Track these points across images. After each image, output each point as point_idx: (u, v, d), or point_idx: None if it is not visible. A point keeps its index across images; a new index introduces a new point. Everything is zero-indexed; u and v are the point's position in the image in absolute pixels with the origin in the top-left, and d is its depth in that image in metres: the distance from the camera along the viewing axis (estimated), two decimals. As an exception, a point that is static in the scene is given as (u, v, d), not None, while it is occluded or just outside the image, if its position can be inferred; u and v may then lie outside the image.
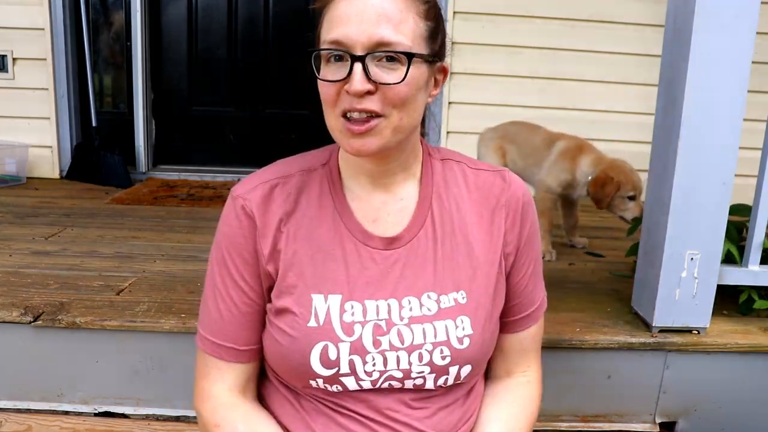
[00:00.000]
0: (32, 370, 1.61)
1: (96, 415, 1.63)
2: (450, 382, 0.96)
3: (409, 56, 0.85)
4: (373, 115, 0.86)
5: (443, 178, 1.01)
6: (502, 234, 0.99)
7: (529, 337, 1.07)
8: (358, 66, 0.84)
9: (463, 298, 0.95)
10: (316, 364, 0.91)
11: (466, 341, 0.94)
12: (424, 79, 0.90)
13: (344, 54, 0.84)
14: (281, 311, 0.94)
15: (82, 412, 1.63)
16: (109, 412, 1.63)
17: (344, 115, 0.87)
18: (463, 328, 0.94)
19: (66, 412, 1.63)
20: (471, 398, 1.03)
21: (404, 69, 0.85)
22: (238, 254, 0.95)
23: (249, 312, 0.97)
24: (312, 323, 0.91)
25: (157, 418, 1.63)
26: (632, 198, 2.19)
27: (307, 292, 0.93)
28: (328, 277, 0.94)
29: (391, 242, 0.96)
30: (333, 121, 0.89)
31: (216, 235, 0.99)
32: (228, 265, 0.96)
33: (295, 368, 0.93)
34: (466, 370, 0.96)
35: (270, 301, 0.97)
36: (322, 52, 0.87)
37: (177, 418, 1.63)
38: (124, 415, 1.63)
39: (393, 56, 0.85)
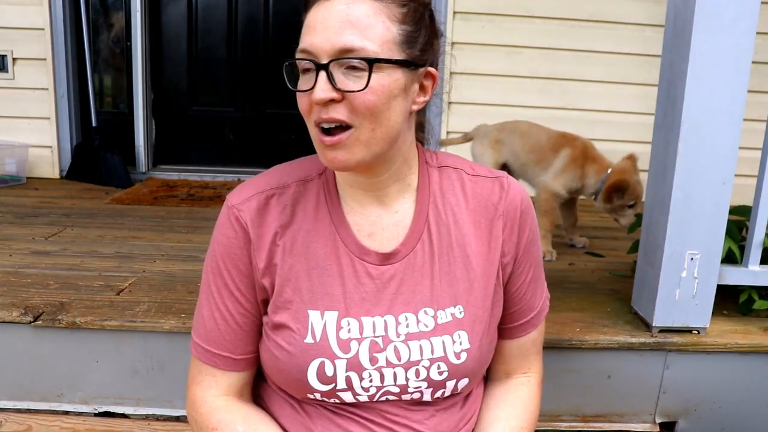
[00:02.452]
0: (32, 370, 1.61)
1: (96, 415, 1.63)
2: (447, 394, 0.95)
3: (370, 62, 0.81)
4: (342, 126, 0.84)
5: (440, 187, 0.98)
6: (500, 244, 0.97)
7: (528, 342, 1.06)
8: (321, 74, 0.82)
9: (460, 312, 0.94)
10: (312, 380, 0.90)
11: (464, 356, 0.93)
12: (399, 86, 0.85)
13: (310, 63, 0.83)
14: (278, 326, 0.93)
15: (82, 412, 1.63)
16: (109, 412, 1.64)
17: (318, 126, 0.86)
18: (461, 343, 0.93)
19: (66, 412, 1.63)
20: (470, 401, 1.02)
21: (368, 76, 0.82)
22: (233, 265, 0.94)
23: (245, 322, 0.96)
24: (309, 339, 0.90)
25: (157, 418, 1.63)
26: (631, 206, 2.26)
27: (303, 308, 0.92)
28: (324, 292, 0.92)
29: (387, 257, 0.94)
30: (311, 131, 0.88)
31: (211, 243, 0.97)
32: (223, 274, 0.95)
33: (292, 382, 0.92)
34: (464, 383, 0.95)
35: (266, 313, 0.96)
36: (297, 63, 0.86)
37: (177, 418, 1.63)
38: (124, 415, 1.63)
39: (356, 65, 0.82)
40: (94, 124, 3.37)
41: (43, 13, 3.23)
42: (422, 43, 0.88)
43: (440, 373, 0.92)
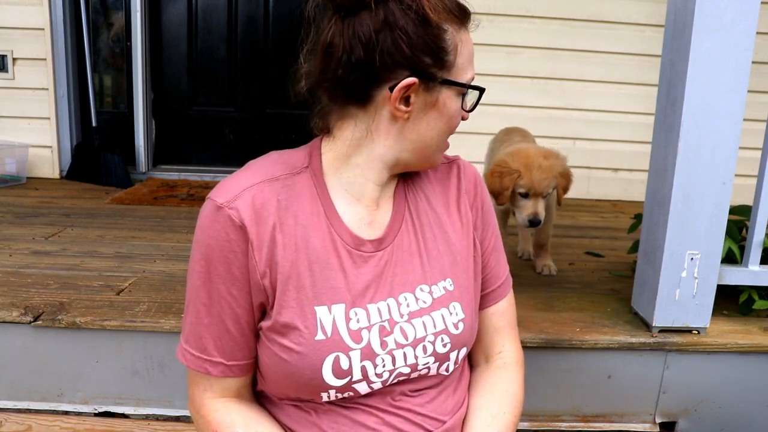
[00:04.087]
0: (32, 370, 1.61)
1: (96, 415, 1.63)
2: (451, 368, 0.99)
3: None
4: None
5: (409, 173, 1.04)
6: (471, 218, 1.05)
7: (497, 314, 1.10)
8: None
9: (450, 285, 0.99)
10: (328, 376, 0.89)
11: (461, 325, 0.98)
12: None
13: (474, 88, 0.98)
14: (284, 328, 0.90)
15: (82, 412, 1.63)
16: (109, 412, 1.64)
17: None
18: (457, 314, 0.98)
19: (66, 412, 1.63)
20: (461, 386, 1.05)
21: None
22: (226, 270, 0.89)
23: (237, 328, 0.92)
24: (320, 336, 0.89)
25: (157, 418, 1.63)
26: (525, 195, 1.86)
27: (309, 305, 0.90)
28: (328, 287, 0.91)
29: (379, 243, 0.97)
30: (444, 144, 1.00)
31: (195, 247, 0.92)
32: (214, 280, 0.90)
33: (305, 384, 0.90)
34: (463, 352, 1.00)
35: (263, 317, 0.93)
36: (472, 90, 0.98)
37: (177, 418, 1.63)
38: (124, 415, 1.63)
39: None
40: (94, 124, 3.36)
41: (43, 13, 3.22)
42: None
43: (444, 346, 0.96)
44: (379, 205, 1.00)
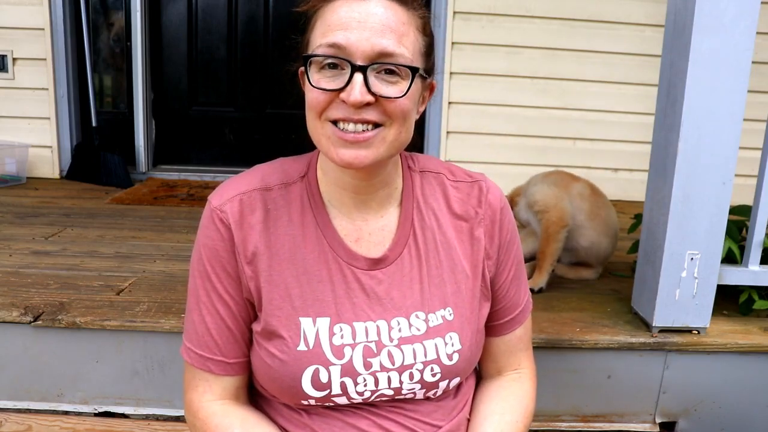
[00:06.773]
0: (32, 370, 1.61)
1: (96, 415, 1.63)
2: (439, 394, 0.97)
3: (414, 70, 0.84)
4: (370, 126, 0.84)
5: (422, 192, 1.00)
6: (482, 246, 0.99)
7: (514, 339, 1.07)
8: (359, 76, 0.81)
9: (450, 314, 0.95)
10: (307, 387, 0.90)
11: (456, 357, 0.94)
12: (419, 95, 0.90)
13: (342, 62, 0.82)
14: (270, 334, 0.92)
15: (82, 412, 1.63)
16: (109, 412, 1.64)
17: (334, 122, 0.84)
18: (453, 345, 0.94)
19: (66, 412, 1.63)
20: (462, 390, 1.04)
21: (405, 83, 0.84)
22: (221, 268, 0.92)
23: (236, 325, 0.94)
24: (302, 347, 0.90)
25: (157, 418, 1.63)
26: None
27: (294, 315, 0.91)
28: (315, 299, 0.92)
29: (376, 263, 0.95)
30: (320, 128, 0.86)
31: (196, 246, 0.95)
32: (211, 278, 0.93)
33: (286, 390, 0.92)
34: (455, 381, 0.97)
35: (255, 317, 0.95)
36: (316, 57, 0.83)
37: (177, 418, 1.63)
38: (124, 415, 1.63)
39: (393, 69, 0.83)
40: (94, 124, 3.36)
41: (43, 13, 3.23)
42: (434, 55, 0.91)
43: (433, 375, 0.93)
44: (370, 219, 0.96)
